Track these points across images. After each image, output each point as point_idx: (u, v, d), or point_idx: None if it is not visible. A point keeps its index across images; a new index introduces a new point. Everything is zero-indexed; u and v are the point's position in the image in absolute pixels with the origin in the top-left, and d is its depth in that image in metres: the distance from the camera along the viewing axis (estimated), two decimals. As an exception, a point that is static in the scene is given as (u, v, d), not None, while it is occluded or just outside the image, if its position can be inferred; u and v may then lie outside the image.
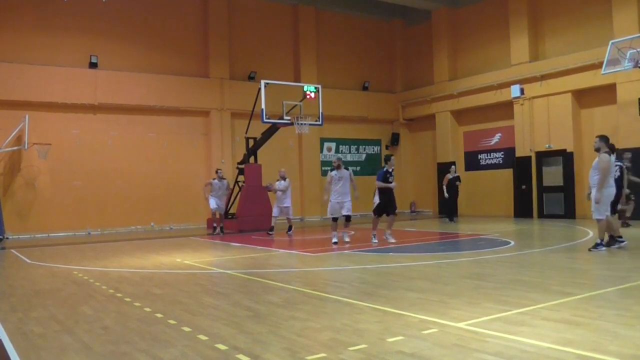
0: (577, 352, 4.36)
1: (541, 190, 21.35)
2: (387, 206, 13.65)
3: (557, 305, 6.03)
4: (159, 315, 6.27)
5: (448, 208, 20.77)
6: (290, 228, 17.33)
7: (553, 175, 20.95)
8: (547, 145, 20.97)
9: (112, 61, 20.73)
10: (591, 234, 14.09)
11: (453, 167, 20.79)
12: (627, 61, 17.00)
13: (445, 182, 20.33)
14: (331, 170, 13.71)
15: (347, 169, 13.84)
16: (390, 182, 13.53)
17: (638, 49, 16.78)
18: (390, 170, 13.76)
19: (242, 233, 18.13)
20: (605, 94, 19.17)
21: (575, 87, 20.00)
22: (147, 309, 6.60)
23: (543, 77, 20.88)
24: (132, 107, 20.93)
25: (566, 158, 20.41)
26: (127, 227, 20.61)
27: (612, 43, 17.58)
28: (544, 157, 21.21)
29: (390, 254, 11.46)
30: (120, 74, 20.67)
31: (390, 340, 4.90)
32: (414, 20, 27.15)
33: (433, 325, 5.33)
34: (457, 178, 20.52)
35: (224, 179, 18.43)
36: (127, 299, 7.30)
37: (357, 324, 5.54)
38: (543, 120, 21.09)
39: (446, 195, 20.22)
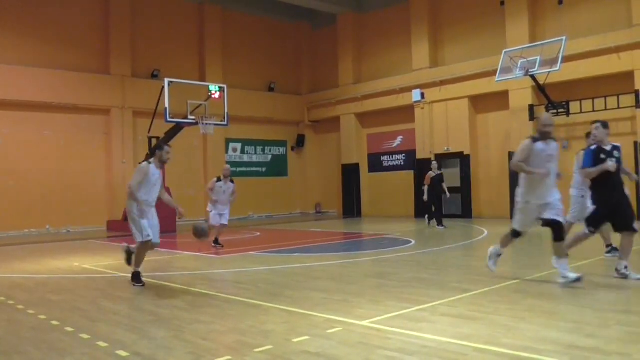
0: (473, 346, 4.58)
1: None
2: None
3: (454, 302, 6.30)
4: (55, 322, 5.97)
5: (432, 211, 17.64)
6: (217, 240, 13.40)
7: (451, 176, 21.81)
8: (445, 148, 21.86)
9: (2, 54, 19.49)
10: (486, 232, 14.82)
11: (434, 163, 17.78)
12: (518, 70, 18.04)
13: (427, 181, 17.49)
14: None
15: (233, 182, 13.11)
16: None
17: (528, 59, 17.84)
18: None
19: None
20: (499, 100, 20.23)
21: (472, 93, 20.99)
22: (42, 317, 6.27)
23: (442, 83, 21.75)
24: (25, 104, 19.73)
25: (463, 160, 21.36)
26: (20, 231, 19.43)
27: (505, 52, 18.60)
28: (443, 159, 22.05)
29: (296, 254, 11.53)
30: (12, 68, 19.43)
31: (295, 340, 4.94)
32: (320, 23, 27.48)
33: (338, 324, 5.42)
34: (441, 176, 17.49)
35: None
36: (20, 307, 6.91)
37: (262, 325, 5.54)
38: (442, 124, 21.97)
39: (425, 197, 17.50)
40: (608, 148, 7.65)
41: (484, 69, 19.97)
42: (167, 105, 17.45)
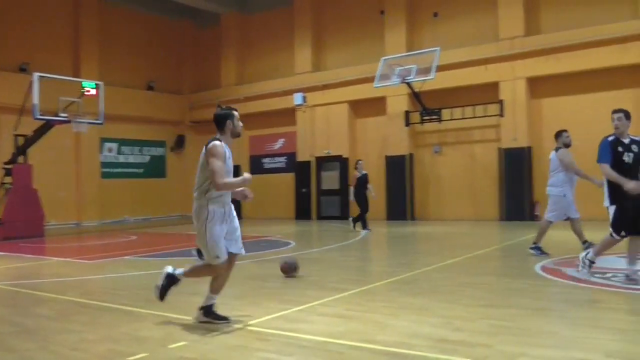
0: (349, 344, 4.69)
1: (320, 193, 22.61)
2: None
3: (333, 301, 6.43)
4: None
5: (359, 213, 16.00)
6: None
7: (331, 179, 22.31)
8: (326, 151, 22.28)
9: None
10: (363, 233, 15.26)
11: (361, 162, 16.23)
12: (395, 77, 18.76)
13: (352, 181, 16.26)
14: None
15: None
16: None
17: (405, 67, 18.61)
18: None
19: (9, 240, 16.36)
20: (377, 105, 20.94)
21: (352, 97, 21.56)
22: None
23: (324, 87, 22.17)
24: None
25: (342, 163, 21.88)
26: None
27: (384, 60, 19.29)
28: (323, 162, 22.50)
29: (175, 258, 11.24)
30: None
31: (172, 346, 4.81)
32: (203, 22, 27.01)
33: (217, 328, 5.35)
34: (366, 177, 15.99)
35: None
36: None
37: (137, 332, 5.35)
38: (323, 128, 22.38)
39: (351, 198, 16.16)
40: (626, 141, 6.93)
41: (364, 74, 20.57)
42: (36, 101, 16.36)
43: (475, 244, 12.17)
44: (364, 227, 15.73)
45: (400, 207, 20.23)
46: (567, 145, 9.20)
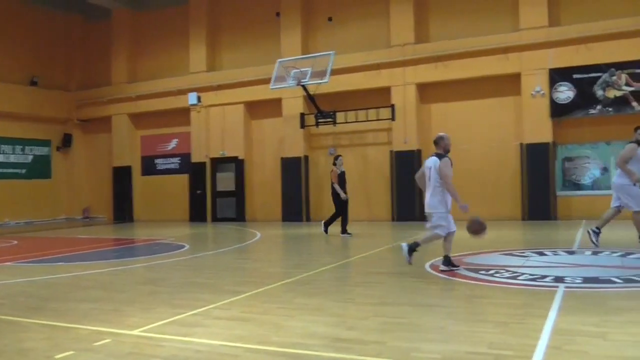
0: (245, 346, 4.67)
1: (215, 195, 22.32)
2: None
3: (228, 304, 6.37)
4: None
5: (332, 215, 14.92)
6: None
7: (226, 180, 22.09)
8: (221, 152, 22.04)
9: None
10: (259, 235, 15.24)
11: (340, 158, 15.00)
12: (291, 79, 18.88)
13: (334, 179, 14.64)
14: None
15: None
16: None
17: (301, 69, 18.77)
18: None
19: None
20: (273, 107, 20.96)
21: (248, 98, 21.46)
22: None
23: (219, 87, 21.90)
24: None
25: (238, 164, 21.73)
26: None
27: (280, 62, 19.35)
28: (218, 163, 22.23)
29: (60, 263, 10.69)
30: None
31: (58, 357, 4.57)
32: (94, 16, 25.76)
33: (107, 336, 5.14)
34: (344, 175, 14.87)
35: None
36: None
37: (20, 343, 5.03)
38: (218, 128, 22.11)
39: (344, 196, 14.44)
40: None
41: (260, 76, 20.52)
42: None
43: (368, 244, 12.49)
44: (344, 230, 14.40)
45: (296, 208, 20.38)
46: (447, 151, 9.12)
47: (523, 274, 7.71)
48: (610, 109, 16.65)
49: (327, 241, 13.79)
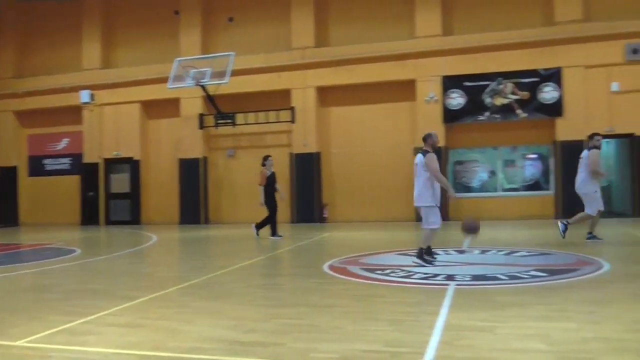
0: (139, 353, 4.52)
1: (108, 197, 21.49)
2: None
3: (121, 310, 6.14)
4: None
5: (264, 218, 14.35)
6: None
7: (120, 182, 21.33)
8: (115, 153, 21.24)
9: None
10: (155, 238, 14.84)
11: (270, 159, 14.42)
12: (190, 79, 18.55)
13: (262, 181, 14.01)
14: None
15: None
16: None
17: (200, 69, 18.49)
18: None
19: None
20: (170, 107, 20.48)
21: (144, 98, 20.83)
22: None
23: (114, 85, 21.10)
24: None
25: (133, 165, 21.04)
26: None
27: (178, 61, 18.95)
28: (112, 164, 21.43)
29: None
30: None
31: None
32: (-29, 6, 24.08)
33: (-13, 347, 4.81)
34: (274, 176, 14.35)
35: None
36: None
37: None
38: (112, 128, 21.31)
39: (262, 201, 13.97)
40: None
41: (157, 75, 19.96)
42: None
43: (268, 246, 12.48)
44: (274, 233, 13.91)
45: (194, 210, 20.02)
46: (434, 148, 9.07)
47: (416, 273, 7.99)
48: (497, 116, 17.63)
49: (225, 243, 13.65)
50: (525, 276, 7.50)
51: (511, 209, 17.43)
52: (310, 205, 18.83)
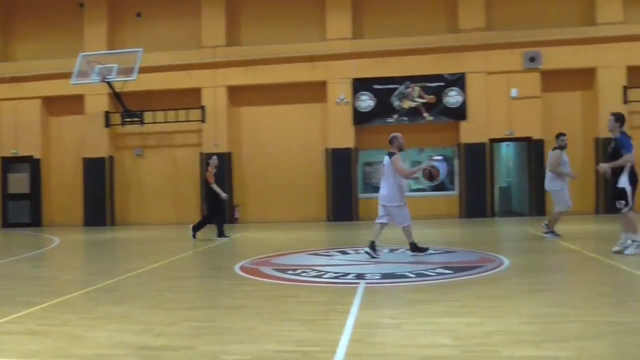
0: (41, 362, 4.33)
1: (5, 198, 20.34)
2: None
3: (22, 317, 5.84)
4: None
5: (202, 218, 14.24)
6: None
7: (19, 182, 20.23)
8: (13, 151, 20.12)
9: None
10: (58, 240, 14.20)
11: (215, 158, 14.02)
12: (95, 75, 17.87)
13: (211, 179, 13.52)
14: None
15: None
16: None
17: (106, 65, 17.85)
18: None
19: None
20: (74, 103, 19.63)
21: (46, 93, 19.84)
22: None
23: (13, 80, 19.95)
24: None
25: (33, 165, 20.01)
26: None
27: (83, 56, 18.20)
28: (10, 163, 20.30)
29: None
30: None
31: None
32: None
33: None
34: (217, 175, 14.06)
35: None
36: None
37: None
38: (10, 125, 20.15)
39: (224, 195, 13.72)
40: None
41: (60, 70, 19.03)
42: None
43: (177, 247, 12.23)
44: (221, 234, 13.54)
45: (99, 212, 19.31)
46: (400, 149, 9.60)
47: (328, 272, 8.09)
48: (405, 119, 18.15)
49: (133, 245, 13.27)
50: (432, 274, 7.78)
51: (419, 209, 17.95)
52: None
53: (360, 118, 18.31)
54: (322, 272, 8.09)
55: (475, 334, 4.78)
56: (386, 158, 9.46)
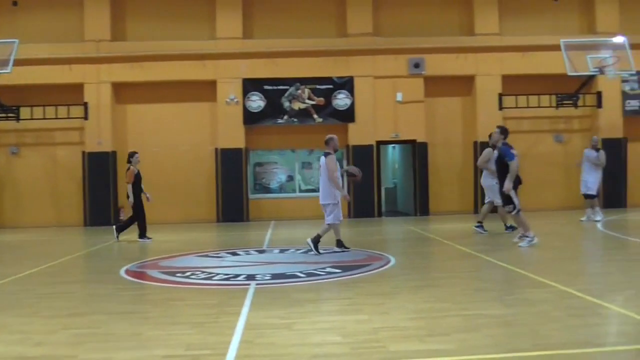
0: None
1: None
2: None
3: None
4: None
5: (127, 219, 13.69)
6: None
7: None
8: None
9: None
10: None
11: (137, 155, 13.22)
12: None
13: (130, 179, 12.88)
14: None
15: None
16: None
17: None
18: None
19: None
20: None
21: None
22: None
23: None
24: None
25: None
26: None
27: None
28: None
29: None
30: None
31: None
32: None
33: None
34: (140, 175, 13.28)
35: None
36: None
37: None
38: None
39: (131, 200, 12.89)
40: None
41: None
42: None
43: (57, 251, 11.60)
44: (143, 235, 12.96)
45: (-32, 214, 17.88)
46: (336, 150, 9.89)
47: (218, 274, 8.01)
48: (295, 120, 18.29)
49: (8, 250, 12.43)
50: (322, 273, 7.91)
51: (308, 209, 18.17)
52: (105, 207, 17.81)
53: (251, 118, 18.24)
54: (212, 274, 8.00)
55: (364, 331, 4.92)
56: (322, 158, 9.82)
